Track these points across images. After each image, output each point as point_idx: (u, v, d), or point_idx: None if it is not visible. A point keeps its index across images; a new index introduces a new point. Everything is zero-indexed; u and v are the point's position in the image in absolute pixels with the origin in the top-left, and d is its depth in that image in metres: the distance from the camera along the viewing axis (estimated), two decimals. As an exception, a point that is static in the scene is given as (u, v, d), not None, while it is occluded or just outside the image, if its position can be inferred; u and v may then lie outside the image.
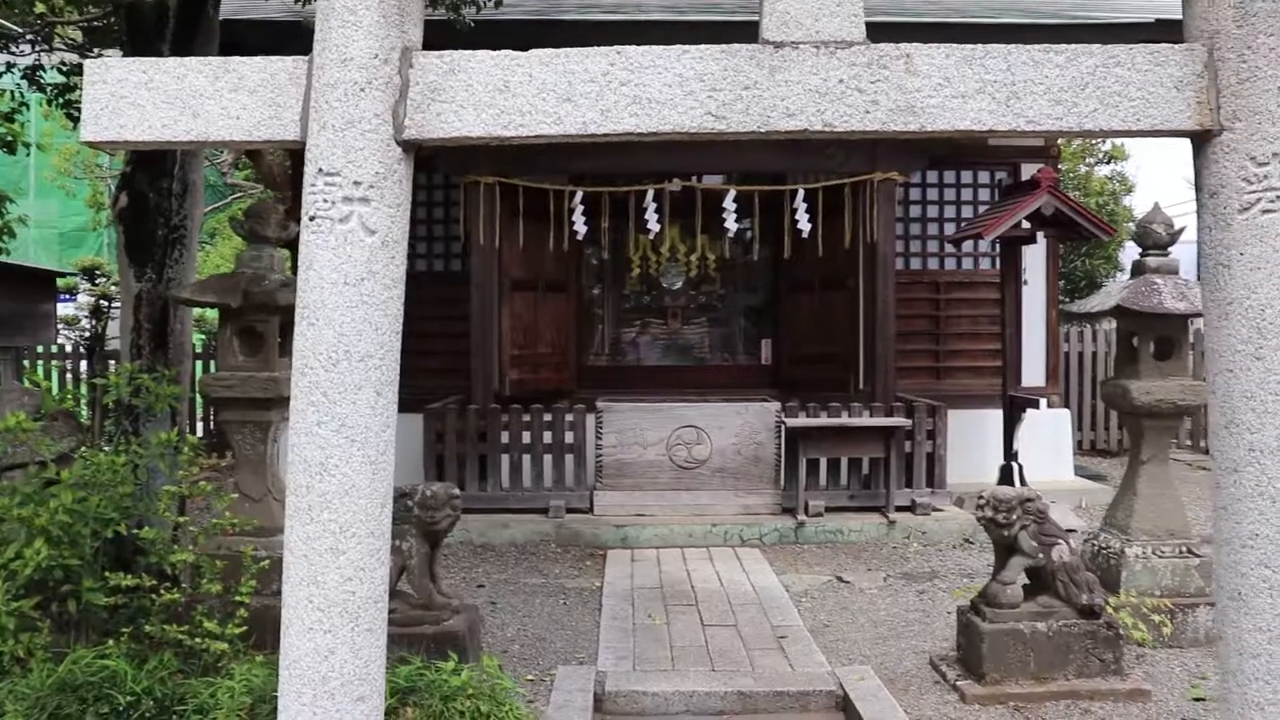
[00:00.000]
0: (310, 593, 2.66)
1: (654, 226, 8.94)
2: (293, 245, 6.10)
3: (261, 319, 5.42)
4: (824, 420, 8.42)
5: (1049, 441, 9.91)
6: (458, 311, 9.15)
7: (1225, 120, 2.82)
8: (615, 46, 2.76)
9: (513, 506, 8.49)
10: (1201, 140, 2.88)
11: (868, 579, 7.12)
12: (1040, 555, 4.96)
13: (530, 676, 5.15)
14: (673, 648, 5.55)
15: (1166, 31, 8.08)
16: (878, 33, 2.90)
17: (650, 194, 8.78)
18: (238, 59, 2.82)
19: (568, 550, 7.93)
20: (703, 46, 2.77)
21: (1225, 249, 2.82)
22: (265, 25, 8.52)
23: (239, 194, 18.94)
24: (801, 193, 8.77)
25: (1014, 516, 4.91)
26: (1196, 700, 4.86)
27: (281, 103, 2.80)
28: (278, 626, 2.78)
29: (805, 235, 8.75)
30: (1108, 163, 16.72)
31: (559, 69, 2.77)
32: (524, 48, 2.80)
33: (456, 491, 4.95)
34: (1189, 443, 12.70)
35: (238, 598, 4.37)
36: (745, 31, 2.94)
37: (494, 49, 2.82)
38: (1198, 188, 2.94)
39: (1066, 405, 11.30)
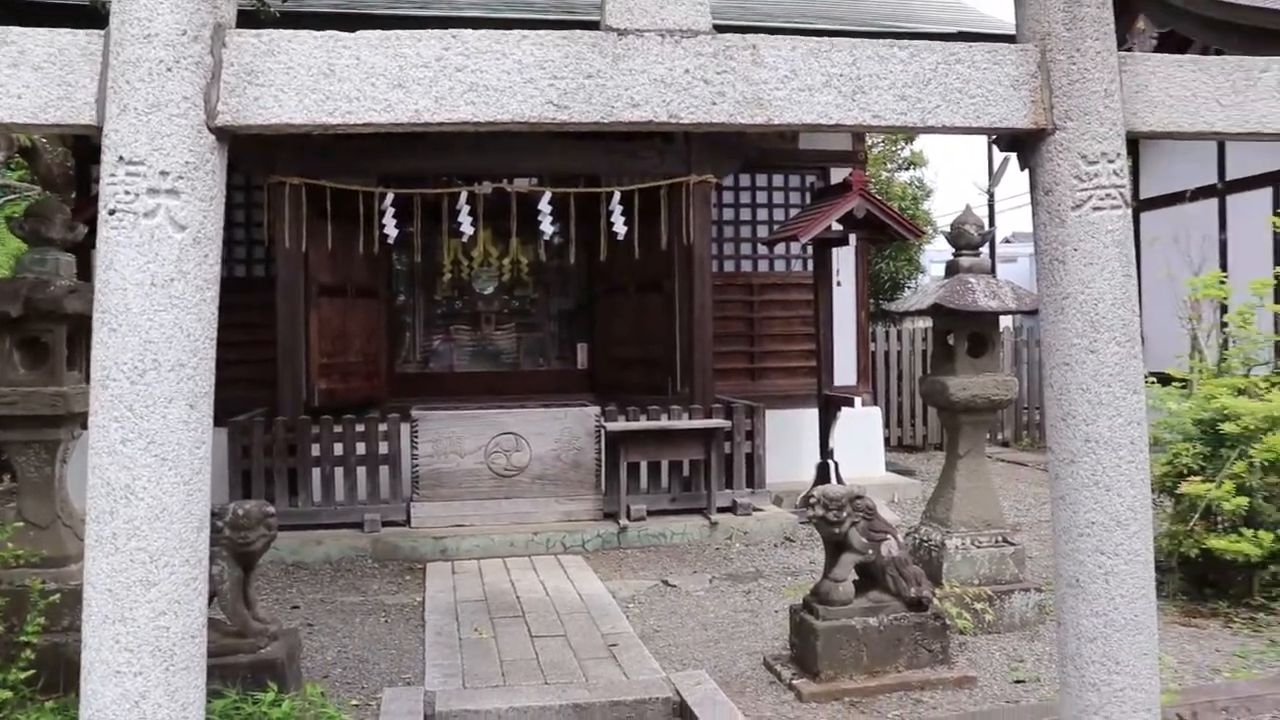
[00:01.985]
0: (116, 632, 2.37)
1: (467, 230, 8.72)
2: (79, 249, 5.66)
3: (46, 328, 4.95)
4: (644, 424, 8.38)
5: (861, 439, 10.17)
6: (262, 319, 8.68)
7: (1058, 119, 2.86)
8: (450, 30, 2.58)
9: (326, 522, 8.11)
10: (1036, 139, 2.91)
11: (694, 582, 7.10)
12: (870, 551, 5.02)
13: (355, 701, 4.88)
14: (502, 662, 5.37)
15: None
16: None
17: (463, 196, 8.56)
18: (18, 29, 2.50)
19: (385, 565, 7.62)
20: (543, 32, 2.63)
21: (1060, 245, 2.87)
22: (46, 7, 7.86)
23: (12, 195, 17.57)
24: (617, 195, 8.71)
25: (844, 514, 4.95)
26: (1017, 683, 5.02)
27: (73, 81, 2.50)
28: (71, 667, 2.48)
29: (621, 238, 8.70)
30: (908, 169, 17.41)
31: (389, 52, 2.58)
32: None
33: (271, 510, 4.64)
34: (988, 436, 13.29)
35: (23, 637, 3.96)
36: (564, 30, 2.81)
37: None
38: (1032, 185, 2.98)
39: (876, 403, 11.63)
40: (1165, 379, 6.93)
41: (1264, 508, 6.02)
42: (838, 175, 9.85)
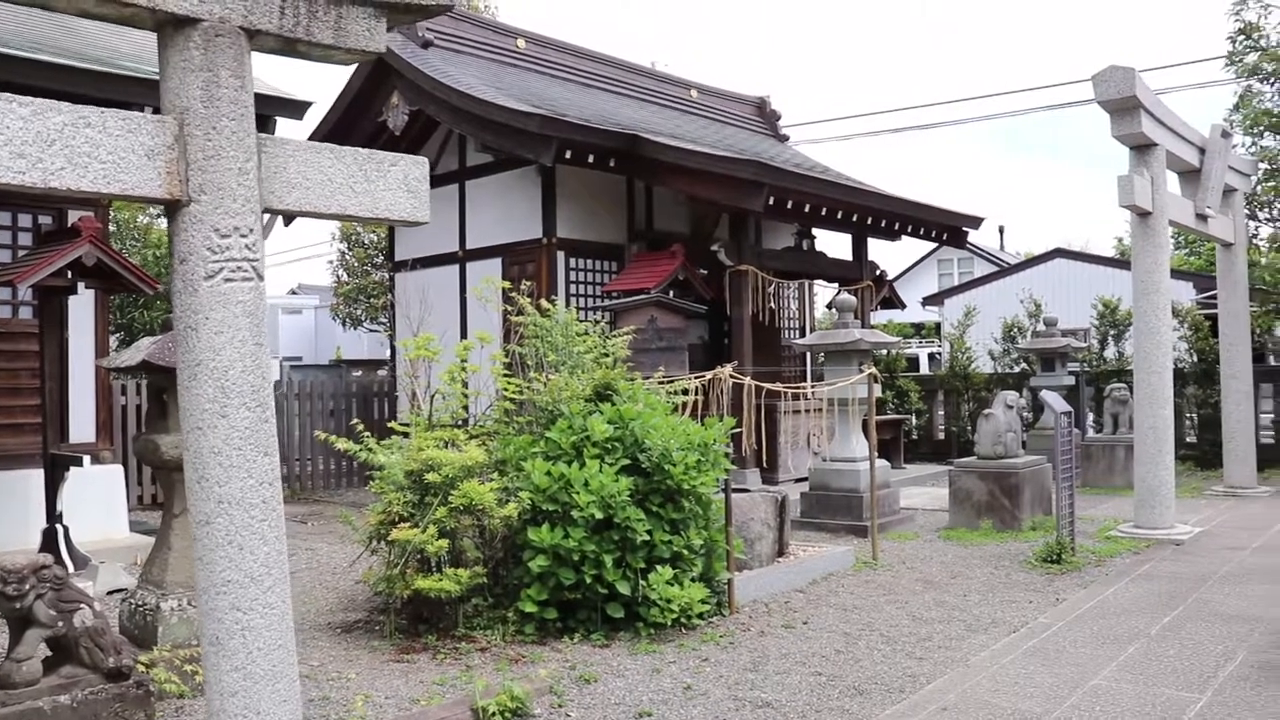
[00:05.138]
0: None
1: None
2: None
3: None
4: None
5: (101, 499, 9.56)
6: None
7: (194, 192, 2.97)
8: None
9: None
10: (174, 209, 3.00)
11: None
12: (61, 624, 4.71)
13: None
14: None
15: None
16: None
17: None
18: None
19: None
20: None
21: (194, 313, 2.96)
22: None
23: None
24: None
25: (27, 586, 4.59)
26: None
27: None
28: None
29: None
30: (169, 215, 16.80)
31: None
32: None
33: None
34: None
35: None
36: None
37: None
38: (171, 254, 3.05)
39: (123, 460, 11.01)
40: (392, 432, 7.44)
41: (466, 546, 6.71)
42: (77, 216, 9.22)
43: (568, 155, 12.24)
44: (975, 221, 16.60)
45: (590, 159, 12.57)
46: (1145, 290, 10.59)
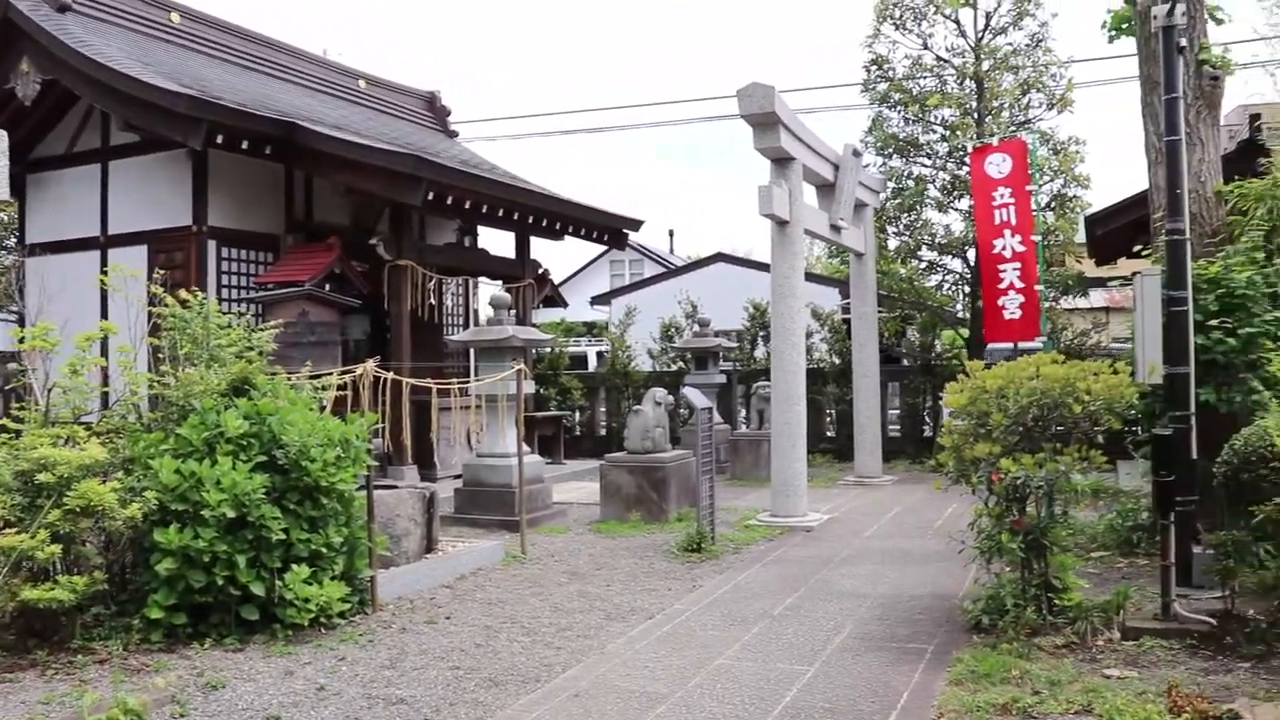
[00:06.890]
0: None
1: None
2: None
3: None
4: None
5: None
6: None
7: None
8: None
9: None
10: None
11: None
12: None
13: None
14: None
15: None
16: None
17: None
18: None
19: None
20: None
21: None
22: None
23: None
24: None
25: None
26: None
27: None
28: None
29: None
30: None
31: None
32: None
33: None
34: None
35: None
36: None
37: None
38: None
39: None
40: (4, 430, 6.84)
41: (87, 552, 6.27)
42: None
43: (219, 140, 11.67)
44: (635, 224, 17.22)
45: (245, 145, 12.04)
46: (782, 294, 11.39)
